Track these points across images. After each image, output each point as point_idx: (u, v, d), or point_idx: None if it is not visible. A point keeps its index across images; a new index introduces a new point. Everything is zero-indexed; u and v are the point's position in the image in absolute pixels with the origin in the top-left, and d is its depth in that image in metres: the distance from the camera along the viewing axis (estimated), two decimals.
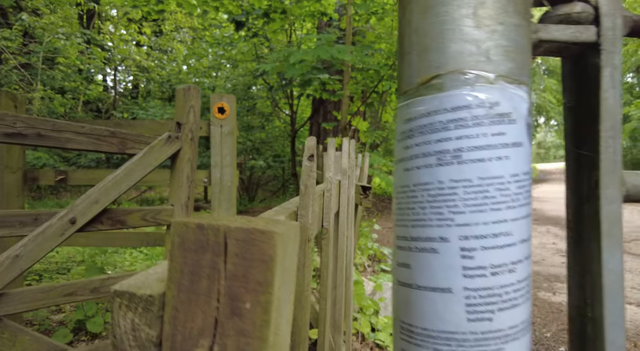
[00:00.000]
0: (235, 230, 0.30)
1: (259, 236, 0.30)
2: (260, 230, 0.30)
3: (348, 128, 4.62)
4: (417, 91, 0.39)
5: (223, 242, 0.31)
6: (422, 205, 0.38)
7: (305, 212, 0.74)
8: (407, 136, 0.40)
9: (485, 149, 0.36)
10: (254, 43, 8.50)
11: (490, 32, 0.35)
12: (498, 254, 0.36)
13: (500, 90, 0.36)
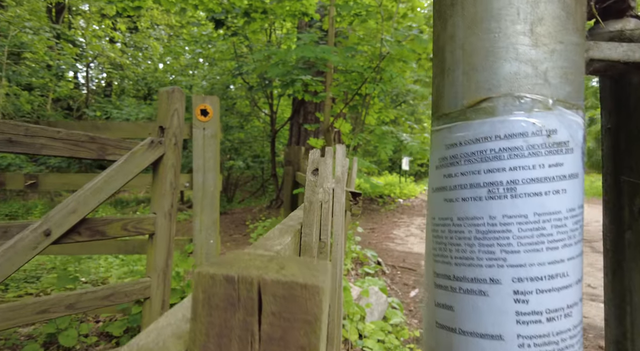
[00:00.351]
0: (273, 284, 0.25)
1: (301, 292, 0.25)
2: (302, 284, 0.25)
3: (331, 130, 4.59)
4: (462, 114, 0.35)
5: (257, 297, 0.26)
6: (469, 241, 0.34)
7: (310, 230, 0.70)
8: (449, 163, 0.36)
9: (542, 182, 0.32)
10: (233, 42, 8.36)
11: (550, 52, 0.32)
12: (554, 297, 0.32)
13: (559, 116, 0.32)
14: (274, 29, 8.71)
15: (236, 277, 0.26)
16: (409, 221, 8.37)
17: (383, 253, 5.45)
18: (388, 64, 4.22)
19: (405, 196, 12.22)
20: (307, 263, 0.31)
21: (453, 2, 0.35)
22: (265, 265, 0.29)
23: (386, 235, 6.83)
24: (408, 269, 4.78)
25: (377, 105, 4.87)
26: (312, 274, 0.27)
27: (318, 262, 0.32)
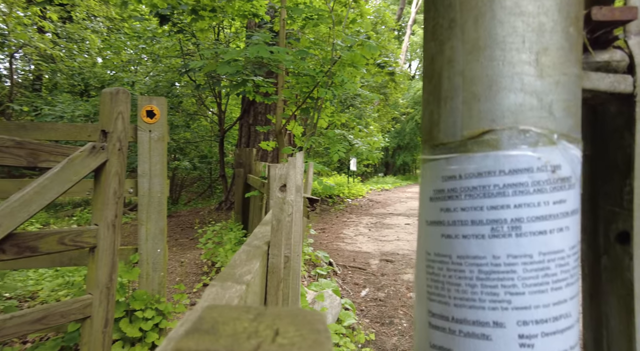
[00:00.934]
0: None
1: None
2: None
3: (283, 132, 4.53)
4: (462, 146, 0.33)
5: None
6: (470, 282, 0.32)
7: (278, 250, 0.65)
8: (447, 196, 0.34)
9: (547, 220, 0.31)
10: (180, 39, 7.99)
11: (555, 84, 0.31)
12: (559, 340, 0.31)
13: (562, 151, 0.31)
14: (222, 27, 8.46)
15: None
16: (357, 220, 8.53)
17: (334, 253, 5.49)
18: (339, 68, 4.25)
19: (354, 196, 12.45)
20: (301, 319, 0.27)
21: (451, 25, 0.33)
22: (255, 329, 0.24)
23: (336, 235, 6.89)
24: (358, 268, 4.86)
25: (328, 109, 4.90)
26: (318, 341, 0.23)
27: (312, 313, 0.28)
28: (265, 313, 0.27)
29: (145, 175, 2.07)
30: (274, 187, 0.67)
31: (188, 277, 4.20)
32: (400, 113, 17.94)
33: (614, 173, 0.40)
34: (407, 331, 3.10)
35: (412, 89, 22.17)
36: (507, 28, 0.31)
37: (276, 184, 0.68)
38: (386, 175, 22.87)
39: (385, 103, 13.43)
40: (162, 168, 2.11)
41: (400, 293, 4.03)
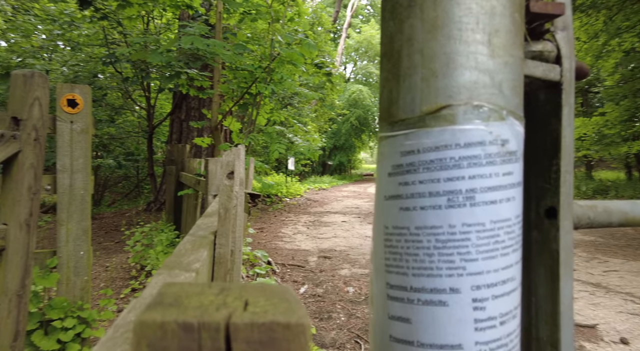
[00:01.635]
0: (246, 328, 0.20)
1: (282, 333, 0.20)
2: (284, 324, 0.20)
3: (220, 129, 4.38)
4: (421, 121, 0.34)
5: (225, 347, 0.20)
6: (428, 251, 0.33)
7: (225, 240, 0.63)
8: (405, 171, 0.35)
9: (497, 190, 0.33)
10: (104, 26, 7.38)
11: (504, 64, 0.33)
12: (506, 301, 0.34)
13: (510, 126, 0.34)
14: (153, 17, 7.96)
15: (196, 324, 0.20)
16: (296, 219, 8.56)
17: (273, 252, 5.45)
18: (278, 65, 4.22)
19: (292, 195, 12.47)
20: (270, 291, 0.26)
21: (411, 4, 0.34)
22: (223, 301, 0.23)
23: (275, 234, 6.85)
24: (297, 266, 4.88)
25: (268, 106, 4.84)
26: (290, 308, 0.22)
27: (279, 286, 0.27)
28: (230, 287, 0.25)
29: (66, 170, 1.87)
30: (221, 175, 0.64)
31: (114, 283, 3.90)
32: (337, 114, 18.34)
33: (544, 154, 0.45)
34: (345, 324, 3.17)
35: (348, 92, 22.78)
36: (464, 9, 0.32)
37: (223, 170, 0.65)
38: (323, 175, 23.23)
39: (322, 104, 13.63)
40: (85, 162, 1.92)
41: (338, 288, 4.11)
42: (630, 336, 2.97)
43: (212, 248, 0.63)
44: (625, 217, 0.49)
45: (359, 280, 4.38)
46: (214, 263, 0.64)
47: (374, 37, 26.46)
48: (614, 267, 4.92)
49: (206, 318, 0.20)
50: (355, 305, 3.67)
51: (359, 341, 2.93)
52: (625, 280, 4.40)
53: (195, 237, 0.63)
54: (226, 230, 0.63)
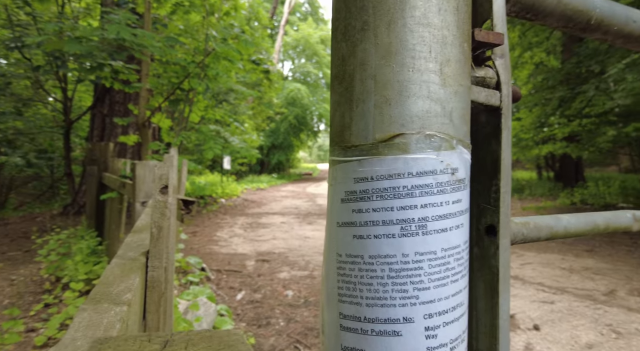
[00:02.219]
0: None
1: None
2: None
3: (148, 126, 4.10)
4: (374, 148, 0.33)
5: None
6: (382, 281, 0.33)
7: (159, 262, 0.57)
8: (358, 198, 0.34)
9: (448, 218, 0.33)
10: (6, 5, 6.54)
11: (454, 93, 0.33)
12: (455, 327, 0.34)
13: (459, 155, 0.34)
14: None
15: None
16: (232, 221, 8.34)
17: (207, 257, 5.25)
18: (214, 61, 4.06)
19: (228, 196, 12.14)
20: (217, 341, 0.23)
21: (364, 27, 0.33)
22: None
23: (209, 237, 6.61)
24: (234, 271, 4.75)
25: (201, 103, 4.63)
26: None
27: (227, 333, 0.25)
28: (173, 339, 0.22)
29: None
30: (154, 189, 0.58)
31: (23, 298, 3.47)
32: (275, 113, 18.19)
33: (484, 175, 0.47)
34: (284, 330, 3.15)
35: (286, 90, 22.70)
36: (417, 37, 0.32)
37: (155, 185, 0.59)
38: (261, 174, 22.94)
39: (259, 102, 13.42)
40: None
41: (277, 292, 4.08)
42: (540, 322, 3.33)
43: (144, 272, 0.57)
44: (550, 231, 0.53)
45: (298, 283, 4.38)
46: (146, 287, 0.58)
47: (312, 36, 26.68)
48: (529, 260, 5.48)
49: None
50: (295, 308, 3.66)
51: (298, 346, 2.92)
52: (537, 271, 4.92)
53: (124, 260, 0.57)
54: (159, 251, 0.58)
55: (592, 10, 0.52)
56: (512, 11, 0.49)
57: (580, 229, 0.56)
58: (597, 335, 3.09)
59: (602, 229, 0.61)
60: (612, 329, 3.20)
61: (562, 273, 4.84)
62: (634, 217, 0.65)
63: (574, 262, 5.37)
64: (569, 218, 0.57)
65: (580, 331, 3.16)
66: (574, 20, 0.53)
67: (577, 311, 3.60)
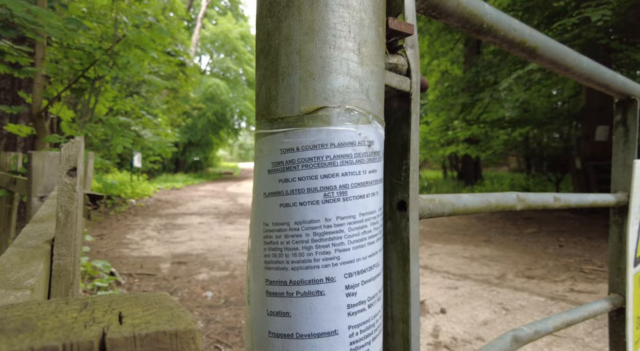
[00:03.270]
0: (127, 342, 0.17)
1: (170, 343, 0.18)
2: (171, 332, 0.18)
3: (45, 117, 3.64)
4: (300, 120, 0.35)
5: None
6: (307, 244, 0.35)
7: (67, 250, 0.53)
8: (285, 168, 0.36)
9: (365, 186, 0.37)
10: None
11: (370, 72, 0.37)
12: (372, 286, 0.38)
13: (375, 129, 0.38)
14: None
15: (61, 347, 0.16)
16: (144, 223, 7.79)
17: (117, 261, 4.85)
18: (124, 48, 3.75)
19: (138, 196, 11.30)
20: (144, 300, 0.23)
21: (289, 4, 0.35)
22: (91, 317, 0.19)
23: (119, 240, 6.10)
24: (147, 275, 4.46)
25: (110, 93, 4.23)
26: (174, 315, 0.20)
27: (154, 294, 0.24)
28: (95, 301, 0.22)
29: None
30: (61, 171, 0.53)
31: None
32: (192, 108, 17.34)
33: (396, 155, 0.52)
34: (204, 331, 3.04)
35: (204, 84, 21.80)
36: (337, 17, 0.35)
37: (63, 166, 0.54)
38: (177, 173, 21.70)
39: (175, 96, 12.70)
40: None
41: (195, 294, 3.91)
42: (447, 306, 3.67)
43: (49, 260, 0.52)
44: (452, 208, 0.61)
45: (218, 284, 4.25)
46: (51, 277, 0.52)
47: (231, 31, 25.98)
48: (436, 251, 6.00)
49: (73, 339, 0.16)
50: (215, 309, 3.55)
51: (219, 346, 2.85)
52: (444, 260, 5.41)
53: (23, 248, 0.50)
54: (68, 237, 0.52)
55: (484, 15, 0.61)
56: (421, 8, 0.55)
57: (477, 206, 0.65)
58: (491, 313, 3.50)
59: (494, 207, 0.70)
60: (503, 307, 3.66)
61: (464, 261, 5.40)
62: (518, 198, 0.77)
63: (474, 251, 6.02)
64: (468, 197, 0.65)
65: (478, 311, 3.55)
66: (470, 22, 0.60)
67: (476, 294, 4.04)
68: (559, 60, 0.78)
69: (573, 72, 0.84)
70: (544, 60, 0.77)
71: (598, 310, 0.97)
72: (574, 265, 5.15)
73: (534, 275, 4.70)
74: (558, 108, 10.27)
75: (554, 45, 0.75)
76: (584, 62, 0.84)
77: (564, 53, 0.79)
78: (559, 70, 0.82)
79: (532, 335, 0.83)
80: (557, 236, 7.10)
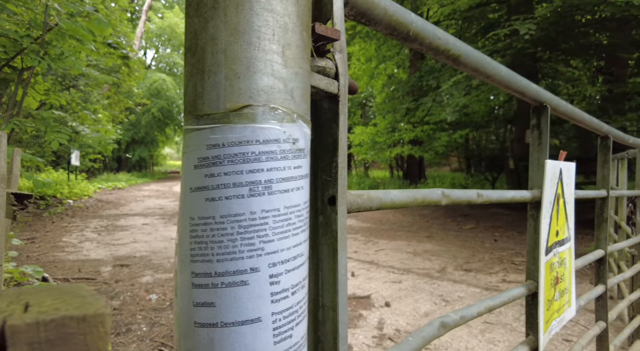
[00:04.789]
0: (29, 328, 0.17)
1: (79, 327, 0.18)
2: (79, 317, 0.18)
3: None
4: (225, 117, 0.36)
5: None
6: (232, 237, 0.36)
7: None
8: (211, 163, 0.37)
9: (289, 181, 0.39)
10: None
11: (294, 74, 0.39)
12: (296, 274, 0.40)
13: (300, 128, 0.40)
14: None
15: None
16: (83, 224, 7.31)
17: (50, 265, 4.51)
18: (58, 38, 3.49)
19: (77, 196, 10.55)
20: (56, 291, 0.23)
21: (215, 5, 0.36)
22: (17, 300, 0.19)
23: (53, 244, 5.67)
24: (85, 279, 4.19)
25: (41, 85, 3.90)
26: (85, 301, 0.21)
27: (74, 285, 0.25)
28: (2, 293, 0.22)
29: None
30: None
31: None
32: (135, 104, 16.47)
33: (326, 153, 0.55)
34: (147, 334, 2.92)
35: (149, 79, 20.79)
36: (262, 20, 0.37)
37: None
38: (119, 172, 20.49)
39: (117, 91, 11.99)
40: None
41: (139, 297, 3.74)
42: (391, 299, 3.82)
43: None
44: (380, 202, 0.65)
45: (163, 286, 4.09)
46: None
47: (179, 25, 25.01)
48: (382, 247, 6.21)
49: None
50: (159, 312, 3.42)
51: (163, 349, 2.75)
52: (389, 256, 5.61)
53: None
54: None
55: (410, 24, 0.65)
56: (351, 14, 0.58)
57: (404, 201, 0.70)
58: (432, 304, 3.70)
59: (420, 202, 0.76)
60: (443, 299, 3.87)
61: (408, 256, 5.64)
62: (443, 194, 0.83)
63: (417, 246, 6.31)
64: (396, 192, 0.70)
65: (420, 303, 3.74)
66: (398, 30, 0.65)
67: (418, 287, 4.24)
68: (480, 67, 0.85)
69: (493, 79, 0.92)
70: (468, 67, 0.84)
71: (516, 295, 1.07)
72: (506, 257, 5.57)
73: (472, 268, 5.03)
74: (494, 113, 11.04)
75: (476, 54, 0.83)
76: (502, 70, 0.93)
77: (484, 61, 0.87)
78: (481, 77, 0.90)
79: (458, 320, 0.91)
80: (493, 231, 7.64)
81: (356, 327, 3.19)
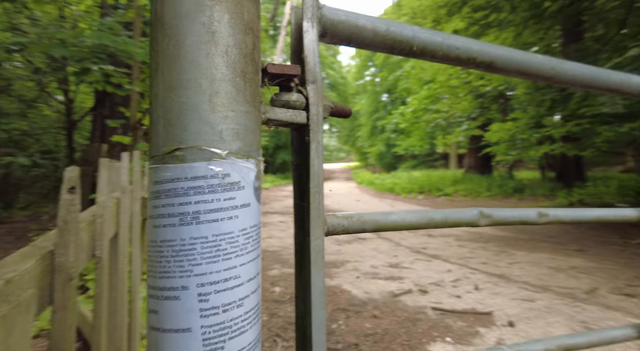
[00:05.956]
0: None
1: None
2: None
3: (139, 127, 4.25)
4: (163, 158, 0.44)
5: None
6: (167, 259, 0.44)
7: (65, 250, 0.69)
8: (156, 196, 0.45)
9: (218, 211, 0.44)
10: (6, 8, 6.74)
11: (223, 117, 0.44)
12: (228, 295, 0.45)
13: (231, 163, 0.45)
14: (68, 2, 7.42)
15: None
16: None
17: None
18: None
19: None
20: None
21: (156, 68, 0.44)
22: None
23: None
24: None
25: None
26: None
27: None
28: None
29: None
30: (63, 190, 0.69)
31: None
32: None
33: (302, 180, 0.57)
34: (266, 324, 3.27)
35: None
36: (189, 75, 0.43)
37: (64, 186, 0.70)
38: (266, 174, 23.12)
39: None
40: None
41: (264, 288, 4.19)
42: (516, 319, 3.40)
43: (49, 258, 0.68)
44: (376, 224, 0.64)
45: (286, 280, 4.48)
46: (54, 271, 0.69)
47: None
48: (518, 259, 5.53)
49: None
50: (280, 304, 3.77)
51: (277, 340, 3.04)
52: (524, 270, 4.97)
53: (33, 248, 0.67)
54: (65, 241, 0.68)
55: (411, 39, 0.63)
56: (333, 42, 0.59)
57: (412, 222, 0.66)
58: (569, 331, 3.15)
59: (448, 223, 0.71)
60: (586, 326, 3.26)
61: (549, 271, 4.89)
62: (481, 214, 0.75)
63: (562, 261, 5.41)
64: (402, 213, 0.67)
65: (554, 328, 3.23)
66: (397, 47, 0.63)
67: (555, 308, 3.66)
68: (528, 69, 0.74)
69: (556, 80, 0.78)
70: (512, 72, 0.74)
71: None
72: None
73: (636, 293, 4.08)
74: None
75: (518, 55, 0.72)
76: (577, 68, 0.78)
77: (539, 60, 0.75)
78: (536, 79, 0.78)
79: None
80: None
81: (470, 345, 2.95)
